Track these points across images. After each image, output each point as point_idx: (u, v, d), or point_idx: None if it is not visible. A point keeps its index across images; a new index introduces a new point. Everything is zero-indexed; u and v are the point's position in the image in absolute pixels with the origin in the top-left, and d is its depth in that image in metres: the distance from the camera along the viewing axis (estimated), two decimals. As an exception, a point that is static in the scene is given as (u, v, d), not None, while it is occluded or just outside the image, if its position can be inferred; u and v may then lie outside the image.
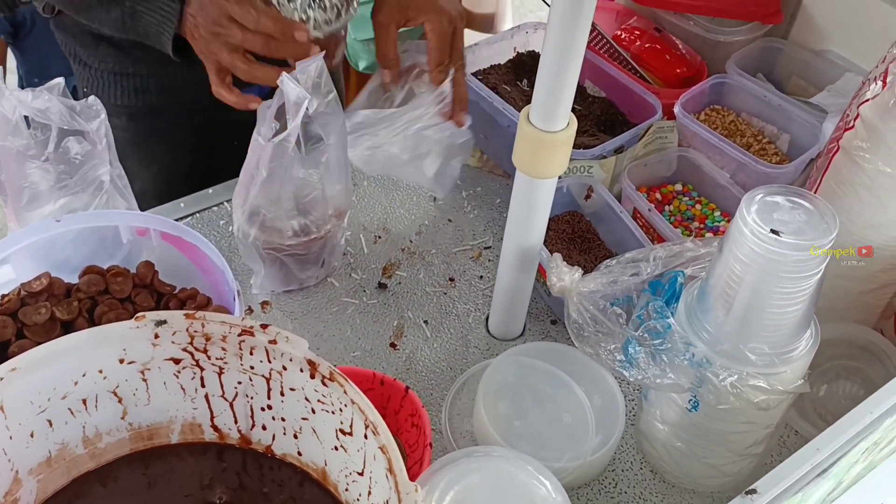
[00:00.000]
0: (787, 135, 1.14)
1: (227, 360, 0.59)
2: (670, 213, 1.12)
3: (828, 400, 0.93)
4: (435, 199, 1.15)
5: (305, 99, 0.83)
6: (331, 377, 0.55)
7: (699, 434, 0.81)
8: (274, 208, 0.91)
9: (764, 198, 0.70)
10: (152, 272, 0.84)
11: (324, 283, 1.03)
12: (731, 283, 0.71)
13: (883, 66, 0.79)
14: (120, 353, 0.58)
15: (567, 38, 0.71)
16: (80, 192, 0.85)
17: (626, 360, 0.77)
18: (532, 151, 0.80)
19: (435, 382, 0.94)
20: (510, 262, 0.91)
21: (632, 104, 1.18)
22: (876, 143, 0.79)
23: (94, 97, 0.86)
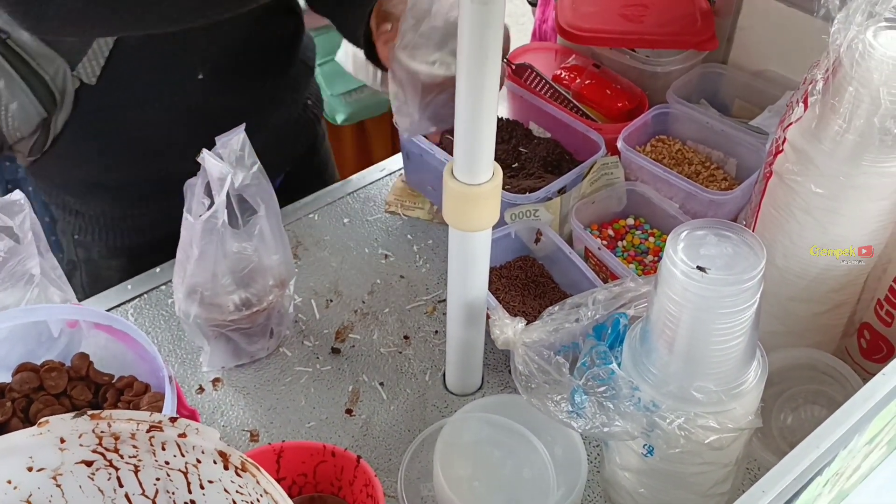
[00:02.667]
0: (733, 159, 1.14)
1: (140, 457, 0.57)
2: (623, 249, 1.10)
3: (796, 427, 0.90)
4: (386, 256, 1.14)
5: (228, 173, 0.82)
6: (243, 468, 0.53)
7: (660, 478, 0.78)
8: (211, 285, 0.89)
9: (690, 233, 0.68)
10: (87, 364, 0.82)
11: (276, 353, 1.01)
12: (668, 322, 0.69)
13: (803, 87, 0.79)
14: (27, 461, 0.56)
15: (476, 90, 0.70)
16: (10, 288, 0.84)
17: (573, 410, 0.75)
18: (460, 206, 0.79)
19: (393, 446, 0.92)
20: (457, 318, 0.89)
21: (576, 143, 1.17)
22: (805, 166, 0.78)
23: (18, 192, 0.85)
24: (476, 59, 0.68)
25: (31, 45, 0.98)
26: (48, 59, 0.99)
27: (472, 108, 0.71)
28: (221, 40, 1.05)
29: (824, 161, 0.76)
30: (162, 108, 1.07)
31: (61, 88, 1.01)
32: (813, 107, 0.76)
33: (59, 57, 0.99)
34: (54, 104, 1.02)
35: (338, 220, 1.19)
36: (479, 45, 0.67)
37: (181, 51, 1.03)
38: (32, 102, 1.00)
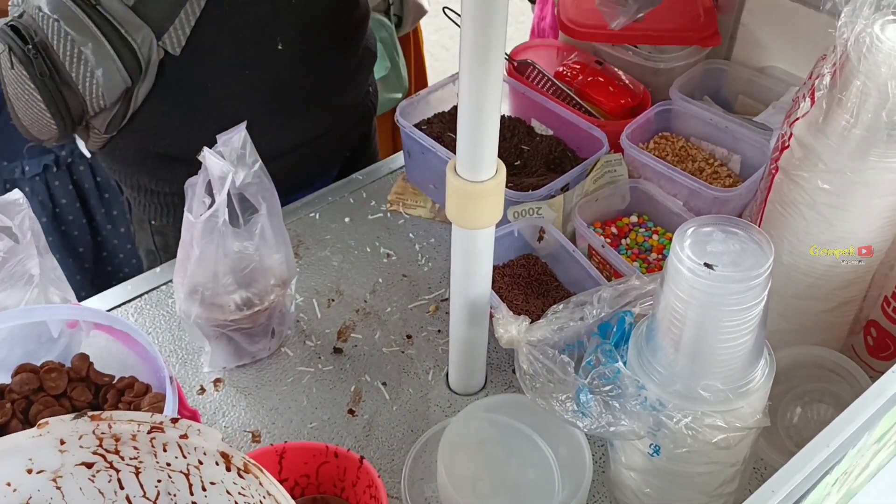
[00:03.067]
0: (737, 156, 1.13)
1: (141, 458, 0.56)
2: (627, 246, 1.09)
3: (802, 426, 0.89)
4: (388, 255, 1.13)
5: (229, 172, 0.81)
6: (246, 469, 0.53)
7: (666, 478, 0.77)
8: (212, 284, 0.89)
9: (697, 230, 0.68)
10: (87, 364, 0.82)
11: (278, 353, 1.01)
12: (674, 320, 0.69)
13: (810, 82, 0.78)
14: (26, 463, 0.55)
15: (479, 86, 0.69)
16: (10, 289, 0.83)
17: (578, 409, 0.74)
18: (463, 203, 0.78)
19: (396, 447, 0.91)
20: (461, 317, 0.88)
21: (579, 140, 1.16)
22: (812, 161, 0.77)
23: (16, 191, 0.84)
24: (479, 54, 0.67)
25: (121, 12, 0.99)
26: (136, 28, 0.99)
27: (475, 104, 0.70)
28: (300, 13, 1.07)
29: (831, 156, 0.75)
30: (242, 79, 1.09)
31: (147, 58, 1.02)
32: (819, 102, 0.75)
33: (146, 26, 1.00)
34: (139, 73, 1.02)
35: (339, 219, 1.18)
36: (482, 40, 0.66)
37: (263, 21, 1.05)
38: (119, 70, 1.00)
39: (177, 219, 1.16)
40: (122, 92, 1.03)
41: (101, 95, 1.02)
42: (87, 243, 1.78)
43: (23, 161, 1.62)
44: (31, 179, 1.63)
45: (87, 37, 0.98)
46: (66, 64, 0.99)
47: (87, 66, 0.99)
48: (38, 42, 0.98)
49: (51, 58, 0.99)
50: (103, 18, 0.98)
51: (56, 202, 1.66)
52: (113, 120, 1.07)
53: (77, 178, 1.71)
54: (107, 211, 1.80)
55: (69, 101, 1.02)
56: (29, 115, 1.05)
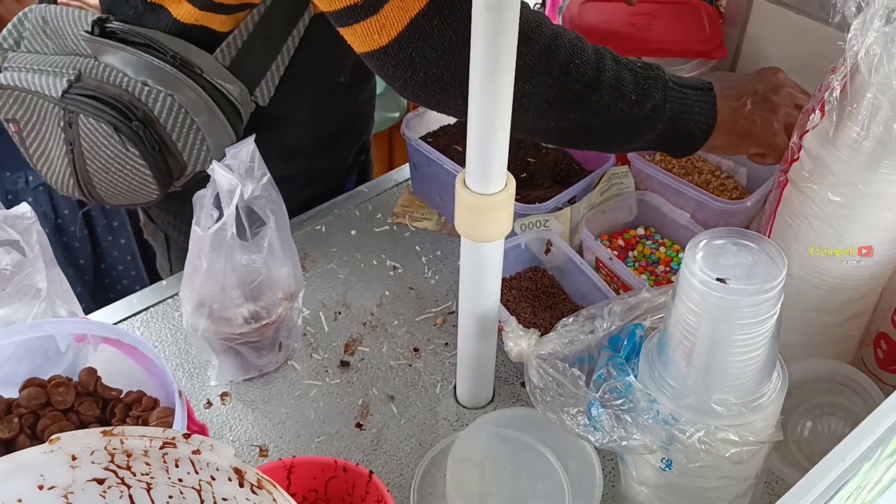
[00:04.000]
0: (744, 168, 1.13)
1: (153, 474, 0.55)
2: (634, 259, 1.09)
3: (813, 440, 0.89)
4: (394, 267, 1.13)
5: (237, 186, 0.81)
6: (259, 485, 0.52)
7: (678, 493, 0.77)
8: (220, 298, 0.88)
9: (709, 243, 0.67)
10: (95, 379, 0.81)
11: (284, 366, 1.00)
12: (686, 333, 0.68)
13: (820, 95, 0.78)
14: (37, 479, 0.54)
15: (490, 98, 0.69)
16: (17, 303, 0.83)
17: (590, 423, 0.73)
18: (472, 216, 0.78)
19: (405, 461, 0.90)
20: (469, 330, 0.88)
21: (585, 153, 1.16)
22: (822, 173, 0.77)
23: (25, 204, 0.84)
24: (490, 67, 0.67)
25: (220, 73, 0.97)
26: (233, 84, 0.99)
27: (485, 116, 0.70)
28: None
29: (841, 168, 0.75)
30: (312, 116, 1.11)
31: (245, 112, 1.02)
32: (830, 114, 0.75)
33: (238, 81, 0.99)
34: (241, 126, 1.02)
35: (345, 232, 1.18)
36: (494, 52, 0.66)
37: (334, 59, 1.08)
38: (228, 132, 0.99)
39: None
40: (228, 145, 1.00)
41: (208, 159, 1.00)
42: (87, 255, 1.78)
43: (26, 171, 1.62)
44: (34, 189, 1.64)
45: (201, 108, 0.96)
46: (172, 135, 0.97)
47: (198, 134, 0.98)
48: (142, 116, 0.96)
49: (156, 131, 0.96)
50: (208, 83, 0.97)
51: (59, 213, 1.66)
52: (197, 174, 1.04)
53: None
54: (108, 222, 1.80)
55: (172, 168, 1.00)
56: (122, 187, 1.01)
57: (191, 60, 0.96)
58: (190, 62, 0.96)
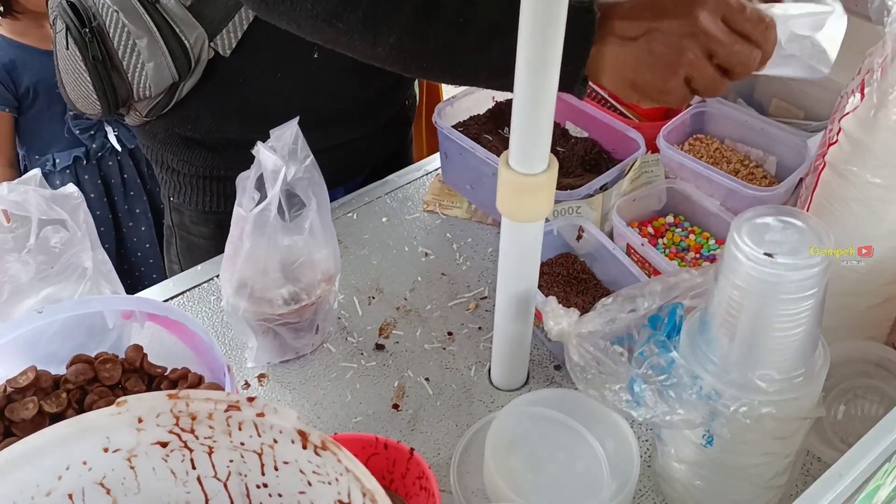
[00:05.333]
0: (773, 157, 1.14)
1: (215, 438, 0.56)
2: (664, 246, 1.10)
3: (847, 422, 0.90)
4: (426, 254, 1.14)
5: (282, 167, 0.83)
6: (323, 446, 0.53)
7: (718, 470, 0.77)
8: (261, 279, 0.89)
9: (754, 220, 0.68)
10: (141, 355, 0.82)
11: (320, 349, 1.01)
12: (731, 310, 0.69)
13: (859, 77, 0.79)
14: (103, 441, 0.56)
15: (538, 77, 0.70)
16: (64, 282, 0.84)
17: (632, 399, 0.74)
18: (515, 196, 0.79)
19: (441, 441, 0.91)
20: (506, 311, 0.89)
21: (615, 141, 1.17)
22: (862, 155, 0.78)
23: (71, 185, 0.86)
24: (538, 46, 0.68)
25: (177, 11, 1.02)
26: (190, 27, 1.03)
27: (532, 95, 0.71)
28: None
29: (882, 150, 0.76)
30: (276, 81, 1.11)
31: (197, 57, 1.05)
32: (870, 96, 0.76)
33: (200, 27, 1.03)
34: (188, 70, 1.06)
35: (377, 219, 1.19)
36: (541, 32, 0.67)
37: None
38: (169, 66, 1.04)
39: (191, 198, 1.22)
40: (168, 85, 1.07)
41: (148, 86, 1.06)
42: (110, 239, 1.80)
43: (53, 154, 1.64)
44: (61, 172, 1.65)
45: (144, 31, 1.02)
46: (118, 52, 1.03)
47: (139, 58, 1.03)
48: (96, 26, 1.02)
49: (105, 44, 1.03)
50: (160, 16, 1.02)
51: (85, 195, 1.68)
52: (155, 107, 1.11)
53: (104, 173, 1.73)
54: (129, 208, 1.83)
55: (117, 86, 1.06)
56: (76, 92, 1.09)
57: None
58: None
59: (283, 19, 0.85)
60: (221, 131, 1.15)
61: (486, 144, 1.15)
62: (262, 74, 1.10)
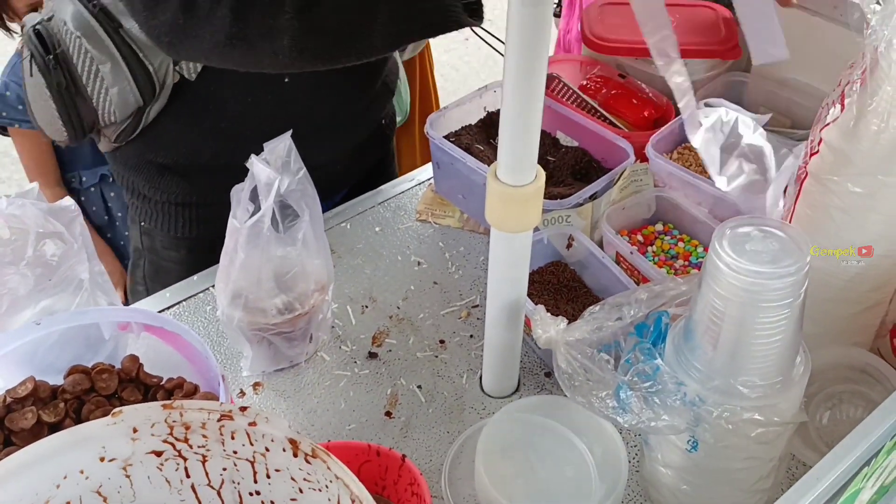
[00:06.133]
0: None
1: (209, 447, 0.58)
2: (653, 254, 1.12)
3: (833, 427, 0.91)
4: (419, 263, 1.15)
5: (276, 179, 0.84)
6: (313, 454, 0.55)
7: (703, 475, 0.79)
8: (255, 289, 0.91)
9: (735, 229, 0.70)
10: (137, 365, 0.84)
11: (314, 358, 1.03)
12: (714, 318, 0.71)
13: (839, 89, 0.80)
14: (99, 451, 0.57)
15: (524, 92, 0.72)
16: (61, 293, 0.86)
17: (618, 405, 0.76)
18: (503, 207, 0.80)
19: (433, 448, 0.93)
20: (496, 320, 0.90)
21: (605, 150, 1.19)
22: (842, 165, 0.79)
23: (68, 198, 0.87)
24: (524, 60, 0.70)
25: (140, 37, 1.01)
26: (154, 52, 1.03)
27: (519, 109, 0.73)
28: None
29: (862, 160, 0.77)
30: (248, 104, 1.11)
31: (162, 81, 1.05)
32: (850, 107, 0.78)
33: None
34: (153, 95, 1.06)
35: (370, 229, 1.21)
36: (529, 46, 0.69)
37: None
38: (133, 91, 1.04)
39: (163, 224, 1.21)
40: (133, 110, 1.07)
41: (113, 112, 1.06)
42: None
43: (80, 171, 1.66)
44: (87, 190, 1.67)
45: (107, 56, 1.02)
46: (83, 78, 1.03)
47: (103, 83, 1.03)
48: (60, 53, 1.03)
49: (70, 70, 1.03)
50: (124, 41, 1.02)
51: (111, 213, 1.69)
52: (123, 132, 1.11)
53: None
54: None
55: (82, 112, 1.06)
56: (43, 118, 1.09)
57: (114, 15, 1.01)
58: (112, 16, 1.01)
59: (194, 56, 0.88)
60: (193, 156, 1.15)
61: (478, 154, 1.16)
62: (233, 97, 1.10)
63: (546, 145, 1.23)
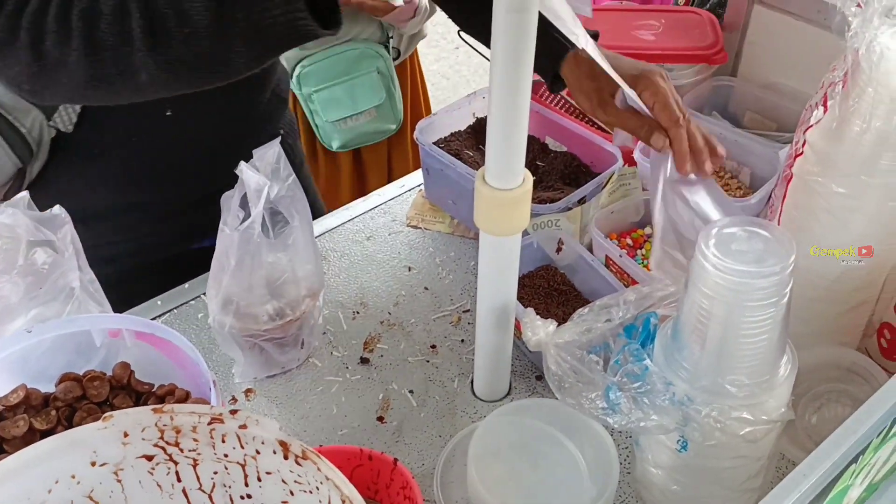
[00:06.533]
0: (747, 168, 1.16)
1: (199, 450, 0.58)
2: (643, 257, 1.12)
3: (821, 426, 0.92)
4: (409, 268, 1.16)
5: (265, 185, 0.85)
6: (304, 456, 0.55)
7: (693, 474, 0.80)
8: (247, 295, 0.91)
9: (721, 231, 0.71)
10: (128, 372, 0.84)
11: (306, 364, 1.03)
12: (700, 318, 0.71)
13: (822, 91, 0.81)
14: (91, 455, 0.57)
15: (510, 96, 0.72)
16: (51, 301, 0.86)
17: (608, 406, 0.76)
18: (492, 211, 0.81)
19: (425, 452, 0.93)
20: (487, 323, 0.91)
21: (593, 155, 1.20)
22: (826, 166, 0.80)
23: (58, 206, 0.87)
24: (510, 66, 0.70)
25: (6, 100, 0.98)
26: (24, 112, 0.99)
27: (505, 114, 0.74)
28: None
29: (845, 161, 0.79)
30: (134, 145, 1.07)
31: (37, 139, 1.02)
32: (832, 109, 0.79)
33: (34, 108, 0.99)
34: (30, 155, 1.03)
35: (361, 236, 1.22)
36: (514, 51, 0.70)
37: None
38: (8, 155, 1.01)
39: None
40: (13, 172, 1.04)
41: None
42: None
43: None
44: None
45: None
46: None
47: None
48: None
49: None
50: None
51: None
52: (8, 193, 1.07)
53: None
54: None
55: None
56: None
57: None
58: None
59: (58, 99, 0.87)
60: (89, 204, 1.11)
61: (468, 160, 1.17)
62: (116, 141, 1.07)
63: (535, 150, 1.24)
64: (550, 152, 1.24)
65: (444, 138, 1.25)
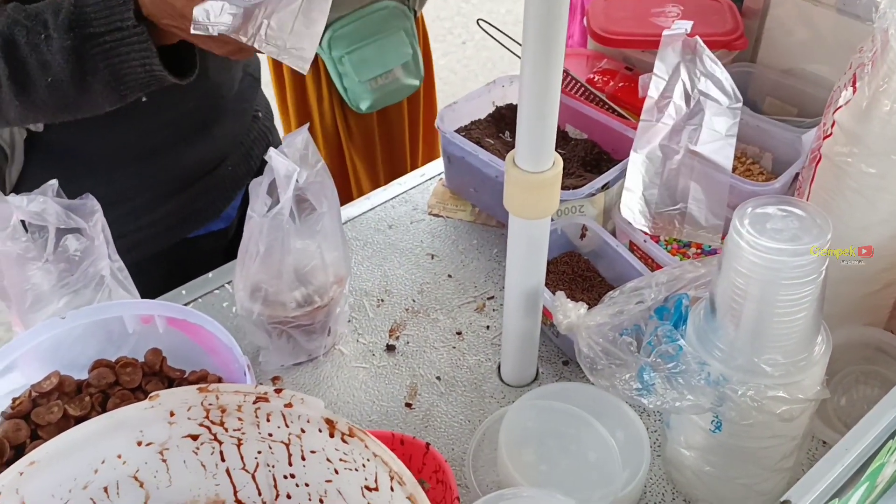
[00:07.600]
0: (768, 153, 1.16)
1: (244, 430, 0.59)
2: (666, 242, 1.12)
3: (850, 407, 0.92)
4: (432, 256, 1.16)
5: (295, 171, 0.85)
6: (350, 433, 0.55)
7: (727, 454, 0.80)
8: (275, 282, 0.91)
9: (755, 210, 0.71)
10: (161, 359, 0.84)
11: (332, 351, 1.03)
12: (735, 297, 0.71)
13: (850, 72, 0.81)
14: (137, 435, 0.58)
15: (541, 79, 0.73)
16: (83, 289, 0.86)
17: (642, 387, 0.76)
18: (522, 194, 0.81)
19: (455, 437, 0.93)
20: (515, 308, 0.91)
21: (614, 142, 1.20)
22: (855, 146, 0.80)
23: (88, 194, 0.88)
24: (542, 48, 0.71)
25: None
26: None
27: (537, 96, 0.74)
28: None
29: (875, 140, 0.78)
30: (112, 133, 1.06)
31: (9, 142, 1.02)
32: (861, 89, 0.79)
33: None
34: (6, 160, 1.03)
35: (382, 224, 1.22)
36: (545, 34, 0.70)
37: None
38: None
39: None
40: None
41: None
42: None
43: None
44: None
45: None
46: None
47: None
48: None
49: None
50: None
51: None
52: None
53: None
54: None
55: None
56: None
57: None
58: None
59: None
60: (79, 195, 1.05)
61: (488, 148, 1.17)
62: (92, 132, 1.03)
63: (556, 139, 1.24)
64: (571, 140, 1.24)
65: (465, 126, 1.25)
